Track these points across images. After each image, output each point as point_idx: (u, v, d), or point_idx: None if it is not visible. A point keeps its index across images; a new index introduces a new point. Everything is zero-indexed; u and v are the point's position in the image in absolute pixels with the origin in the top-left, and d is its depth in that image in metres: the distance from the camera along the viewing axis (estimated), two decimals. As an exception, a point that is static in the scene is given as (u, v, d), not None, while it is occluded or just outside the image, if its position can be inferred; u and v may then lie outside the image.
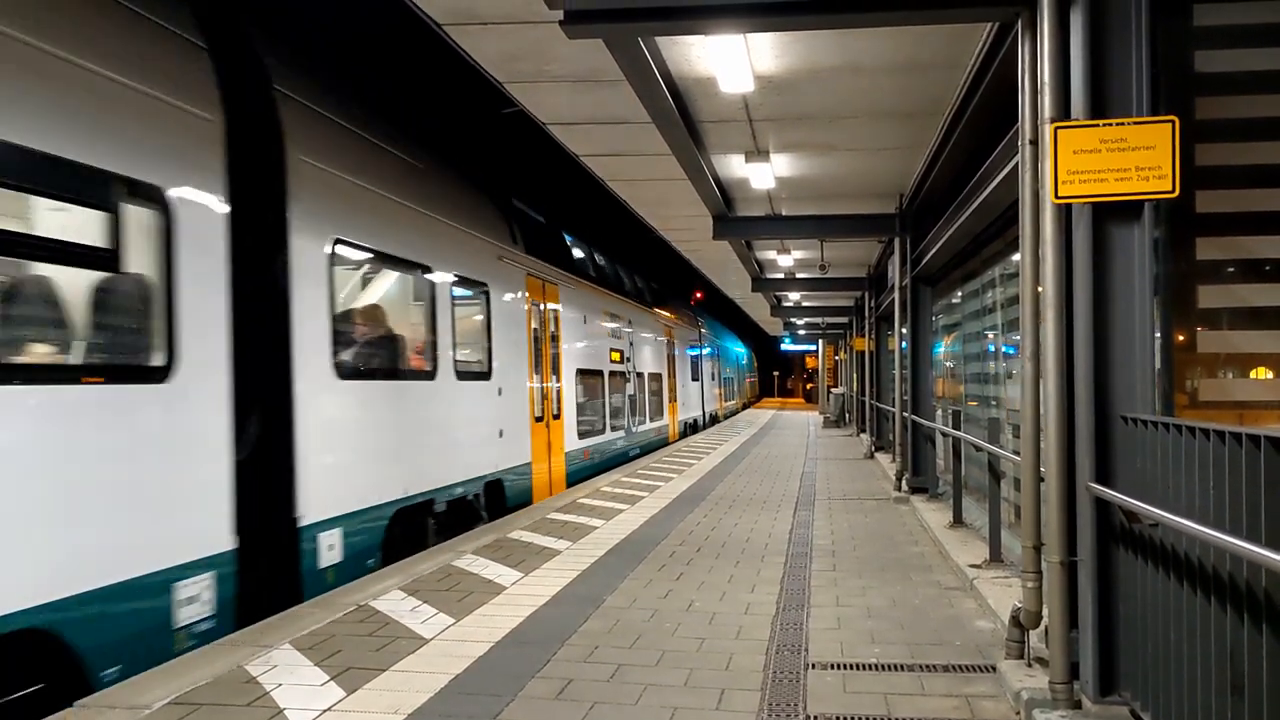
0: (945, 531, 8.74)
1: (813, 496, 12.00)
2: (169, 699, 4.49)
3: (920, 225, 11.79)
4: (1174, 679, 3.43)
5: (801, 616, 6.00)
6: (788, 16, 5.19)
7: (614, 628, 5.77)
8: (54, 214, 5.01)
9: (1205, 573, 3.20)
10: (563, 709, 4.39)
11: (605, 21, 5.31)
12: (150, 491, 5.38)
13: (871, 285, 20.20)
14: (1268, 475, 2.78)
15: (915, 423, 12.17)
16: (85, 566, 4.86)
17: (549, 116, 8.41)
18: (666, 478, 14.18)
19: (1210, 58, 4.46)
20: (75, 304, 5.05)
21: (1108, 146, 3.95)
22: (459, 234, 10.21)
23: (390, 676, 4.84)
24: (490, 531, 9.25)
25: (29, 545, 4.55)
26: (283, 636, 5.53)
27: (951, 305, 11.91)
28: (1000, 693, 4.55)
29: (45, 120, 4.75)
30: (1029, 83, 4.45)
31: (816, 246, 16.14)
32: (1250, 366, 4.68)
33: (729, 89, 7.31)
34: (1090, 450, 4.07)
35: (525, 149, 16.17)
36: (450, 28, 6.26)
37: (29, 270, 4.86)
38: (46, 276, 4.91)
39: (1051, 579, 4.20)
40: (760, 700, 4.48)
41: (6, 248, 4.62)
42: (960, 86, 7.27)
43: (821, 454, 19.04)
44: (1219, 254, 4.60)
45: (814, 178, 10.77)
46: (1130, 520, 3.85)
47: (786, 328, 38.22)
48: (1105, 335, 4.08)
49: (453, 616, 6.01)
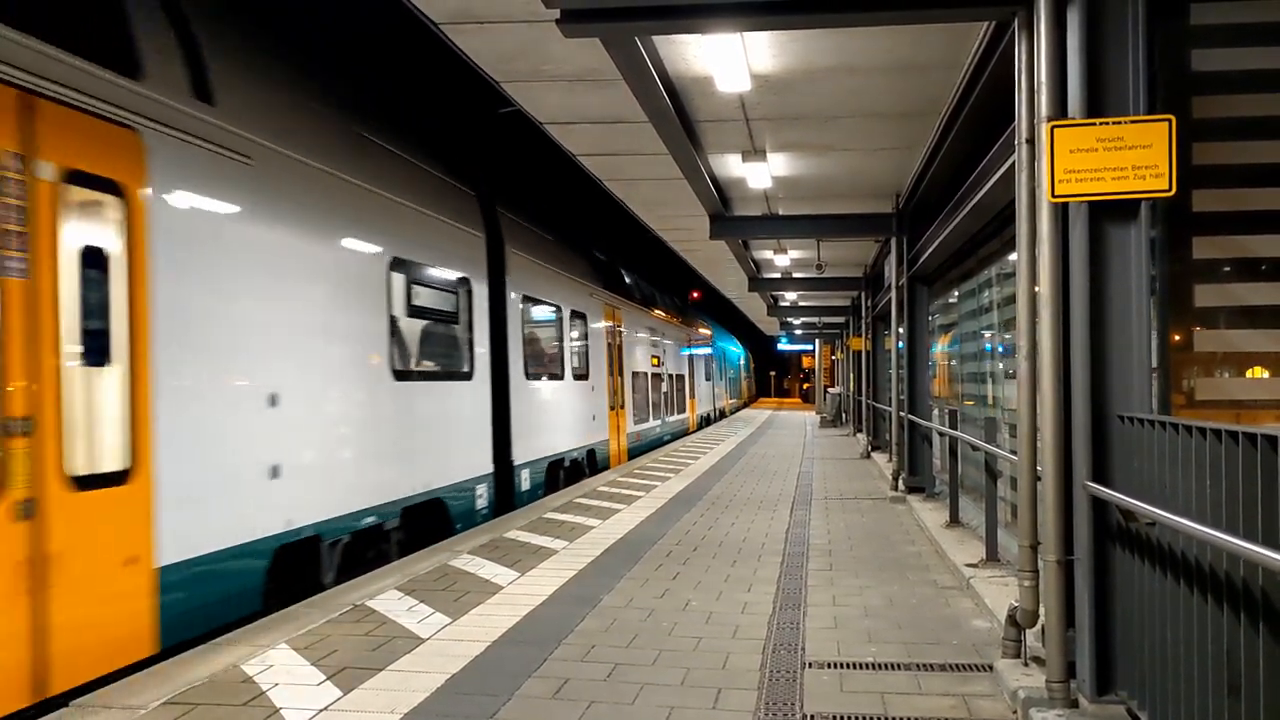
0: (942, 531, 8.75)
1: (809, 496, 12.00)
2: (165, 699, 4.48)
3: (917, 225, 11.80)
4: (1171, 678, 3.43)
5: (798, 616, 6.00)
6: (784, 15, 5.18)
7: (611, 627, 5.76)
8: (440, 296, 9.56)
9: (1202, 571, 3.20)
10: (559, 708, 4.39)
11: (602, 21, 5.30)
12: (469, 436, 10.10)
13: (868, 285, 20.21)
14: (1265, 474, 2.78)
15: (912, 422, 12.18)
16: (450, 472, 9.52)
17: (546, 116, 8.40)
18: (663, 477, 14.18)
19: (1207, 57, 4.47)
20: (447, 342, 9.78)
21: (1104, 145, 3.95)
22: (573, 281, 15.03)
23: (387, 676, 4.83)
24: (487, 531, 9.25)
25: (438, 459, 9.21)
26: (279, 636, 5.52)
27: (948, 305, 11.92)
28: (997, 692, 4.55)
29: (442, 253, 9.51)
30: (1025, 82, 4.45)
31: (813, 246, 16.15)
32: (1247, 366, 4.68)
33: (726, 88, 7.31)
34: (1087, 449, 4.07)
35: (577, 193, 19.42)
36: (447, 27, 6.25)
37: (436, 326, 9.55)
38: (441, 327, 9.66)
39: (1048, 578, 4.20)
40: (757, 699, 4.48)
41: (432, 315, 9.31)
42: (957, 86, 7.28)
43: (818, 454, 19.05)
44: (1216, 253, 4.61)
45: (811, 177, 10.77)
46: (1127, 519, 3.85)
47: (783, 327, 38.22)
48: (1102, 334, 4.08)
49: (449, 616, 6.00)
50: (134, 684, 4.71)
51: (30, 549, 4.59)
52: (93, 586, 4.98)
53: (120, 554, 5.18)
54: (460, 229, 10.06)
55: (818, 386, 43.48)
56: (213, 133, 6.06)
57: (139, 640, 5.28)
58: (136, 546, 5.28)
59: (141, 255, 5.38)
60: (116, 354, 5.22)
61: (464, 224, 10.21)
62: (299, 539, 6.79)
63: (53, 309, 4.76)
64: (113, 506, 5.13)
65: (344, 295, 7.55)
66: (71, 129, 4.95)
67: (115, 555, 5.14)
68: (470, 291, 10.17)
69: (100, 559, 5.03)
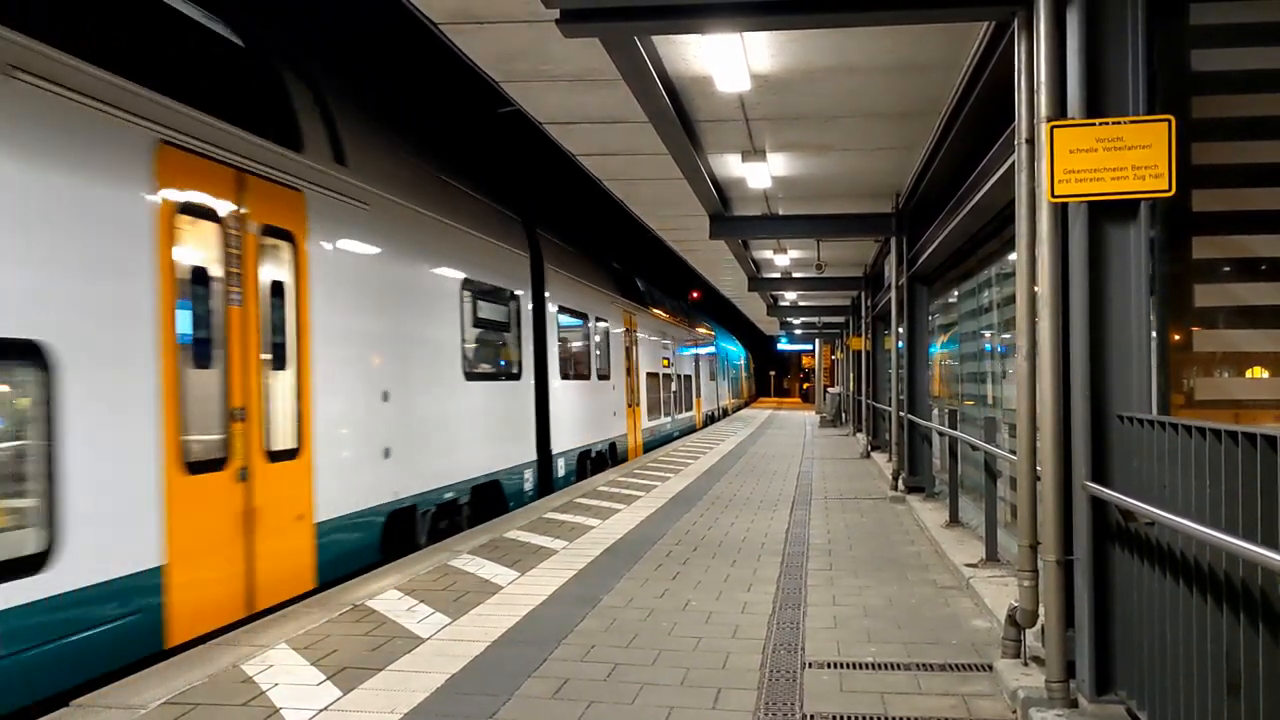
0: (942, 531, 8.75)
1: (809, 496, 12.00)
2: (165, 699, 4.48)
3: (916, 225, 11.80)
4: (1170, 677, 3.43)
5: (798, 616, 6.00)
6: (784, 16, 5.19)
7: (610, 627, 5.76)
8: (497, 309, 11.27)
9: (1202, 571, 3.20)
10: (559, 708, 4.39)
11: (601, 20, 5.30)
12: (519, 428, 11.94)
13: (868, 285, 20.21)
14: (1264, 474, 2.78)
15: (912, 422, 12.18)
16: (506, 458, 11.24)
17: (546, 116, 8.41)
18: (663, 477, 14.18)
19: (1206, 57, 4.47)
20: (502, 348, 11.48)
21: (1104, 145, 3.95)
22: (597, 292, 16.74)
23: (387, 676, 4.83)
24: (486, 531, 9.25)
25: (497, 447, 10.92)
26: (279, 636, 5.52)
27: (948, 305, 11.92)
28: (997, 691, 4.55)
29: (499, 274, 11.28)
30: (1025, 82, 4.45)
31: (813, 246, 16.15)
32: (1246, 365, 4.69)
33: (726, 88, 7.31)
34: (1086, 449, 4.07)
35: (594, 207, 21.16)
36: (447, 27, 6.25)
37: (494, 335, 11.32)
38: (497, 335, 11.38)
39: (1048, 578, 4.20)
40: (757, 699, 4.48)
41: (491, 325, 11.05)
42: (957, 86, 7.28)
43: (818, 453, 19.05)
44: (1215, 253, 4.61)
45: (810, 177, 10.77)
46: (1126, 519, 3.85)
47: (783, 327, 38.22)
48: (1101, 334, 4.08)
49: (449, 616, 6.00)
50: (134, 684, 4.71)
51: (244, 503, 6.24)
52: (278, 535, 6.59)
53: (294, 511, 6.86)
54: (511, 251, 11.94)
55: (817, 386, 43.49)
56: (345, 187, 7.72)
57: (304, 579, 6.90)
58: (302, 506, 6.97)
59: (304, 286, 7.03)
60: (290, 361, 6.88)
61: (513, 246, 12.05)
62: (403, 507, 8.47)
63: (256, 328, 6.44)
64: (289, 476, 6.80)
65: (431, 311, 9.36)
66: (265, 194, 6.58)
67: (291, 512, 6.82)
68: (518, 304, 12.11)
69: (283, 514, 6.69)
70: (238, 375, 6.22)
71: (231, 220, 6.20)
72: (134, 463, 5.30)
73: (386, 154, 8.83)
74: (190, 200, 5.82)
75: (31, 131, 4.75)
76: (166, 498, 5.49)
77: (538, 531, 9.21)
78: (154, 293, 5.48)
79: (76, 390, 4.88)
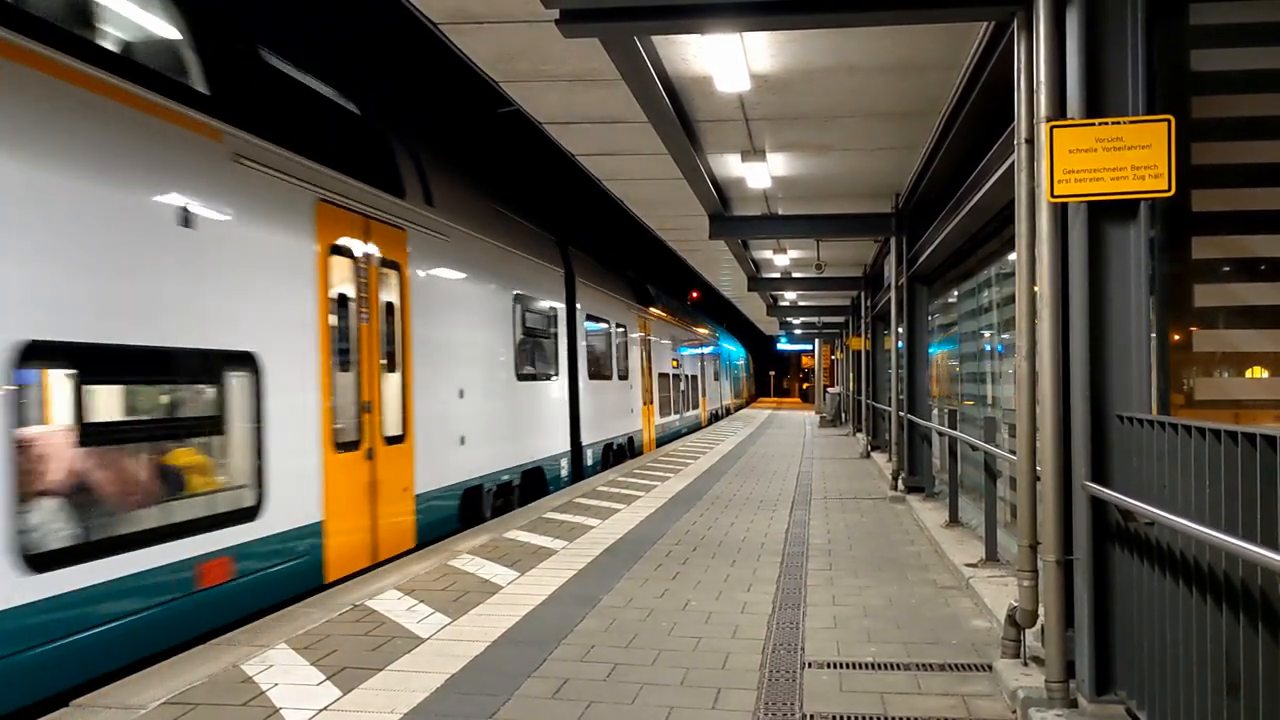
0: (941, 531, 8.75)
1: (809, 496, 12.00)
2: (165, 699, 4.48)
3: (916, 225, 11.80)
4: (1170, 678, 3.43)
5: (798, 616, 6.00)
6: (783, 16, 5.19)
7: (610, 627, 5.76)
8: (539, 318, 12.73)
9: (1201, 571, 3.20)
10: (559, 708, 4.39)
11: (601, 21, 5.30)
12: (557, 422, 13.45)
13: (868, 285, 20.21)
14: (1264, 474, 2.78)
15: (912, 422, 12.18)
16: (547, 448, 12.80)
17: (545, 116, 8.41)
18: (663, 477, 14.18)
19: (1206, 57, 4.47)
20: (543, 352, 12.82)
21: (1104, 145, 3.95)
22: (616, 300, 18.41)
23: (386, 676, 4.83)
24: (486, 531, 9.25)
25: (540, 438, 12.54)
26: (278, 636, 5.52)
27: (948, 305, 11.92)
28: (996, 692, 4.55)
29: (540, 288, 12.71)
30: (1025, 82, 4.45)
31: (813, 246, 16.15)
32: (1246, 365, 4.69)
33: (725, 88, 7.31)
34: (1086, 449, 4.07)
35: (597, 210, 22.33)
36: (446, 27, 6.25)
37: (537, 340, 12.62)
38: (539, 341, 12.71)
39: (1047, 578, 4.20)
40: (756, 699, 4.48)
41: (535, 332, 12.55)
42: (956, 86, 7.28)
43: (818, 453, 19.05)
44: (1215, 253, 4.61)
45: (810, 177, 10.77)
46: (1126, 519, 3.85)
47: (783, 327, 38.22)
48: (1101, 334, 4.08)
49: (449, 616, 6.00)
50: (134, 684, 4.71)
51: (370, 476, 7.97)
52: (392, 502, 8.30)
53: (401, 484, 8.52)
54: (549, 267, 13.73)
55: (817, 386, 43.49)
56: (432, 224, 9.41)
57: (407, 539, 8.58)
58: (407, 481, 8.63)
59: (406, 305, 8.73)
60: (397, 365, 8.57)
61: (550, 263, 13.84)
62: (473, 485, 10.28)
63: (377, 340, 8.13)
64: (398, 456, 8.48)
65: (492, 321, 11.21)
66: (381, 234, 8.28)
67: (400, 485, 8.49)
68: (555, 314, 13.85)
69: (394, 486, 8.37)
70: (366, 376, 7.93)
71: (361, 256, 7.93)
72: (308, 441, 7.04)
73: (458, 192, 10.59)
74: (337, 243, 7.55)
75: (244, 201, 6.37)
76: (325, 469, 7.21)
77: (537, 531, 9.21)
78: (316, 315, 7.18)
79: (273, 388, 6.55)
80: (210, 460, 6.13)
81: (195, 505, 5.86)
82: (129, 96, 5.41)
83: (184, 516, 5.72)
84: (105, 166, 5.23)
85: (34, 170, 4.77)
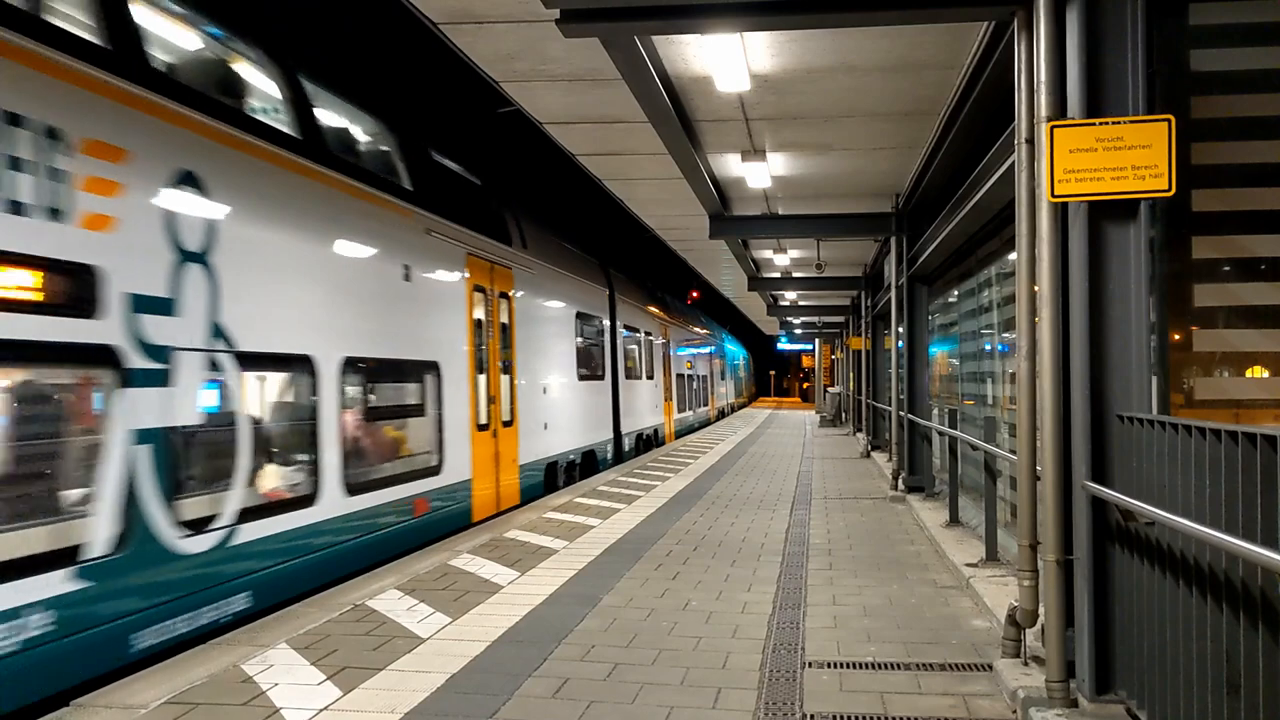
0: (941, 530, 8.75)
1: (809, 496, 12.00)
2: (165, 698, 4.48)
3: (916, 225, 11.80)
4: (1170, 677, 3.43)
5: (798, 615, 6.00)
6: (783, 15, 5.18)
7: (611, 627, 5.77)
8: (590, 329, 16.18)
9: (1201, 571, 3.20)
10: (559, 708, 4.39)
11: (601, 20, 5.30)
12: (603, 414, 16.95)
13: (868, 284, 20.21)
14: (1263, 473, 2.78)
15: (912, 422, 12.18)
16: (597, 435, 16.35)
17: (545, 116, 8.41)
18: (663, 477, 14.18)
19: (1206, 57, 4.47)
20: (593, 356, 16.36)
21: (1104, 145, 3.95)
22: (644, 311, 21.64)
23: (387, 676, 4.83)
24: (486, 530, 9.25)
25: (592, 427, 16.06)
26: (279, 636, 5.52)
27: (948, 304, 11.92)
28: (996, 691, 4.55)
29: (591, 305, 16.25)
30: (1025, 82, 4.45)
31: (813, 246, 16.15)
32: (1246, 365, 4.69)
33: (725, 88, 7.31)
34: (1086, 449, 4.07)
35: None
36: (447, 27, 6.25)
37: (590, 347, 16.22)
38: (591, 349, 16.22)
39: (1048, 578, 4.20)
40: (757, 699, 4.48)
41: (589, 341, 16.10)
42: (956, 86, 7.28)
43: (818, 453, 19.05)
44: (1215, 253, 4.61)
45: (810, 177, 10.77)
46: (1126, 519, 3.85)
47: (783, 327, 38.22)
48: (1101, 334, 4.08)
49: (449, 616, 6.00)
50: (134, 683, 4.71)
51: (494, 450, 10.86)
52: (506, 470, 11.23)
53: (511, 457, 11.50)
54: (596, 287, 16.91)
55: (817, 386, 43.47)
56: (526, 261, 12.50)
57: (514, 498, 11.44)
58: (514, 455, 11.60)
59: (514, 324, 11.80)
60: (509, 370, 11.55)
61: (597, 282, 17.04)
62: (552, 461, 13.37)
63: (498, 351, 11.08)
64: (510, 435, 11.47)
65: (561, 333, 14.40)
66: (499, 273, 11.33)
67: (510, 457, 11.47)
68: (601, 324, 17.17)
69: (508, 458, 11.34)
70: (492, 377, 10.99)
71: (489, 290, 10.96)
72: (463, 423, 10.03)
73: (537, 232, 13.55)
74: (476, 283, 10.60)
75: (431, 259, 9.41)
76: (472, 442, 10.20)
77: (538, 531, 9.21)
78: (466, 335, 10.25)
79: (446, 386, 9.54)
80: (418, 434, 9.20)
81: (415, 462, 9.03)
82: (383, 201, 8.52)
83: (411, 469, 8.88)
84: (378, 246, 8.32)
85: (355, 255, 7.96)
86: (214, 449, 6.05)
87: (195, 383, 5.81)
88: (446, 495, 9.39)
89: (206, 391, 5.93)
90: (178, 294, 5.68)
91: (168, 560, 5.49)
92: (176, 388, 5.60)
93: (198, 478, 5.90)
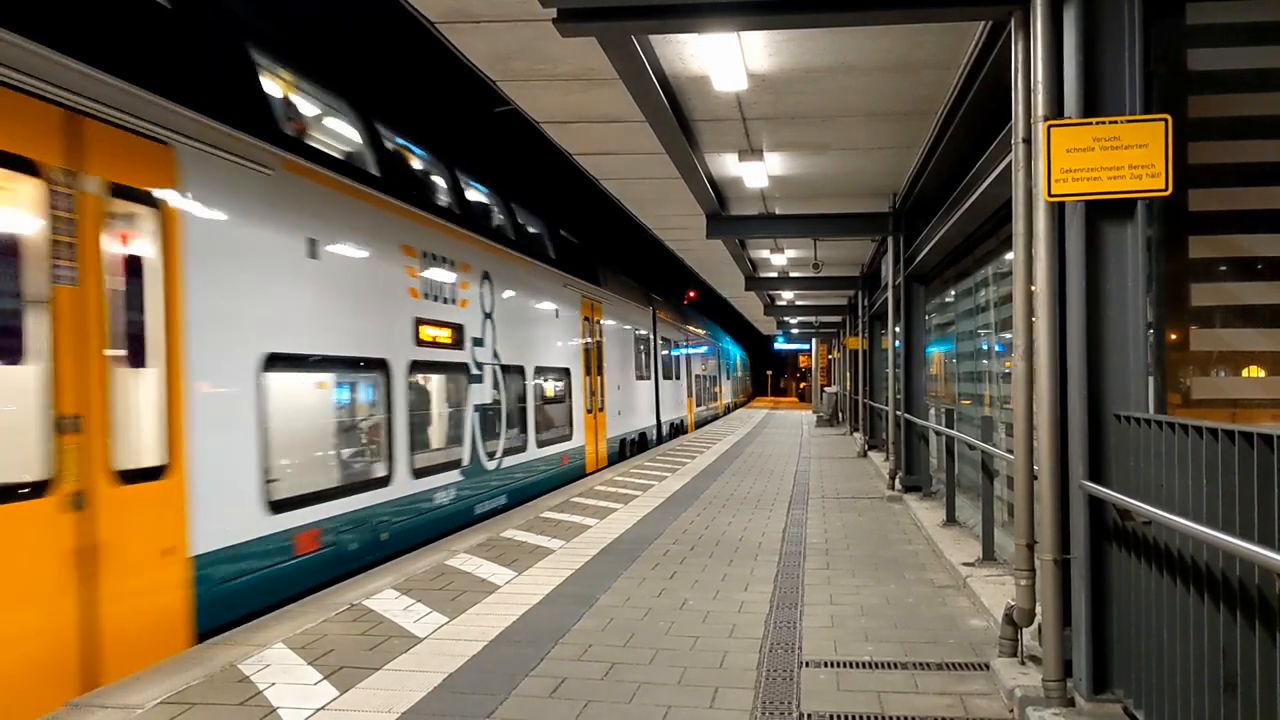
0: (938, 530, 8.76)
1: (806, 495, 12.01)
2: (162, 698, 4.48)
3: (913, 224, 11.80)
4: (1167, 676, 3.44)
5: (795, 615, 6.00)
6: (781, 15, 5.18)
7: (607, 626, 5.76)
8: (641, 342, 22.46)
9: (1199, 570, 3.20)
10: (556, 708, 4.39)
11: (598, 20, 5.29)
12: (645, 405, 22.69)
13: (865, 284, 20.22)
14: (1261, 473, 2.78)
15: (908, 421, 12.19)
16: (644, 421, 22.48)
17: (542, 115, 8.40)
18: (660, 476, 14.19)
19: (1203, 56, 4.47)
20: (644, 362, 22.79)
21: (1101, 145, 3.95)
22: (673, 324, 27.30)
23: (383, 675, 4.83)
24: (483, 530, 9.25)
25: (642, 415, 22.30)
26: (275, 636, 5.52)
27: (945, 304, 11.93)
28: (994, 690, 4.56)
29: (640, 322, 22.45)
30: (1022, 81, 4.46)
31: (810, 245, 16.15)
32: (1243, 364, 4.69)
33: (723, 88, 7.30)
34: (1083, 448, 4.08)
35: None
36: (444, 26, 6.24)
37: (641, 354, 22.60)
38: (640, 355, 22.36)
39: (1045, 577, 4.21)
40: (754, 698, 4.48)
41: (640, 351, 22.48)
42: (953, 85, 7.28)
43: (815, 453, 19.06)
44: (1212, 252, 4.61)
45: (807, 177, 10.77)
46: (1123, 518, 3.85)
47: (780, 326, 38.22)
48: (1098, 333, 4.08)
49: (446, 615, 6.00)
50: (132, 683, 4.70)
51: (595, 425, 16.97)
52: (600, 440, 17.26)
53: (602, 433, 17.38)
54: (643, 308, 22.24)
55: (814, 385, 43.50)
56: (605, 295, 18.14)
57: (604, 461, 17.32)
58: (604, 431, 17.55)
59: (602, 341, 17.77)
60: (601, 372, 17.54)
61: (642, 304, 22.32)
62: (621, 438, 18.96)
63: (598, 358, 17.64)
64: (601, 418, 17.43)
65: (626, 344, 20.04)
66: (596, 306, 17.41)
67: (601, 433, 17.35)
68: (648, 337, 22.74)
69: (601, 432, 17.34)
70: (593, 377, 16.48)
71: (591, 319, 16.56)
72: (578, 408, 15.53)
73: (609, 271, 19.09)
74: (585, 315, 16.17)
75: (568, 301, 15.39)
76: (584, 423, 15.84)
77: (535, 531, 9.20)
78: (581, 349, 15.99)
79: (574, 382, 15.40)
80: (563, 413, 14.69)
81: (563, 430, 14.61)
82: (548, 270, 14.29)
83: (561, 435, 14.38)
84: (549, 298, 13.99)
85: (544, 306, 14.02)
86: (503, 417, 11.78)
87: (491, 381, 11.40)
88: (575, 454, 15.28)
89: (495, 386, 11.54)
90: (483, 336, 11.15)
91: (482, 473, 10.99)
92: (485, 384, 11.17)
93: (494, 431, 11.38)
